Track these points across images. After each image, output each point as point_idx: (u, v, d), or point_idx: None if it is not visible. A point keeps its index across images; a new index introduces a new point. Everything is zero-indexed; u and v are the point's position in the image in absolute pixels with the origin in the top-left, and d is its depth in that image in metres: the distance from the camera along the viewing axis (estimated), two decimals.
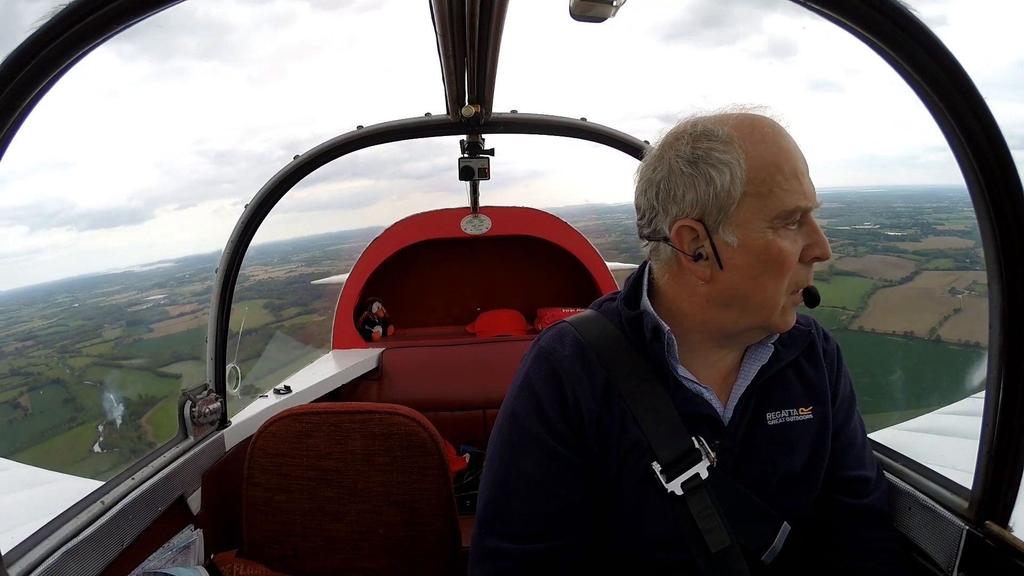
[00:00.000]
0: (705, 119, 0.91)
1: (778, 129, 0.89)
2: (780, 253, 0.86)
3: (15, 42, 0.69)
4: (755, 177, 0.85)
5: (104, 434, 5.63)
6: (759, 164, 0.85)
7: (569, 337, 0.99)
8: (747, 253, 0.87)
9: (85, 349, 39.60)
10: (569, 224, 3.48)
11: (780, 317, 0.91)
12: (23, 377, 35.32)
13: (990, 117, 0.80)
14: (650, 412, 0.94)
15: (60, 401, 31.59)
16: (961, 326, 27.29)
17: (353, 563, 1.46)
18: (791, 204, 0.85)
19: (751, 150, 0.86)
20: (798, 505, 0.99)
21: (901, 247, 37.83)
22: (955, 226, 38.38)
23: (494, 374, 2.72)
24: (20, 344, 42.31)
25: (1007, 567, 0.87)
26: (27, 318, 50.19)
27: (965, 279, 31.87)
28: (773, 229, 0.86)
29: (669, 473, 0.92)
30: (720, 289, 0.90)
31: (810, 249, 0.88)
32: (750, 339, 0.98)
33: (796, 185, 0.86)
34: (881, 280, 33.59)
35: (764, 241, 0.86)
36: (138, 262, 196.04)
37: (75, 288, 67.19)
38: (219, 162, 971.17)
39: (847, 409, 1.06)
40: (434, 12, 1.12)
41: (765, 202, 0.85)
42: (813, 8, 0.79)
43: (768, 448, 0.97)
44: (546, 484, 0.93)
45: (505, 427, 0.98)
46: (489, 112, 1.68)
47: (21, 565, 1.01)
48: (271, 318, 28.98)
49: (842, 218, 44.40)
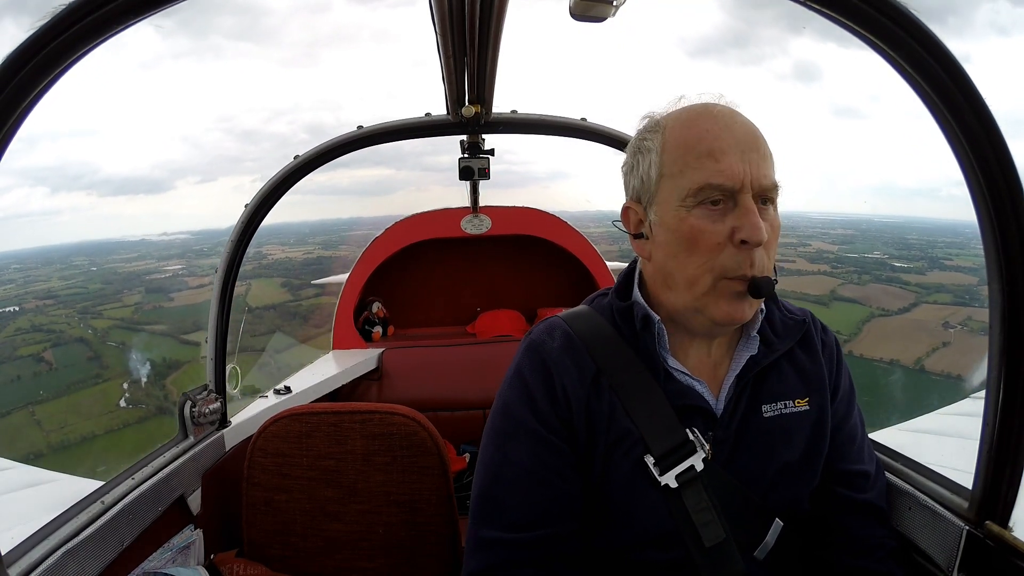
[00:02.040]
0: (664, 113, 0.98)
1: (713, 113, 0.92)
2: (690, 230, 0.89)
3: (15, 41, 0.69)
4: (668, 159, 0.92)
5: (130, 391, 5.76)
6: (672, 146, 0.92)
7: (559, 330, 1.01)
8: (664, 230, 0.93)
9: (106, 312, 40.47)
10: (569, 224, 3.48)
11: (713, 303, 0.90)
12: (45, 333, 36.23)
13: (990, 117, 0.80)
14: (642, 405, 0.94)
15: (84, 359, 32.79)
16: (947, 359, 28.39)
17: (353, 563, 1.46)
18: (698, 181, 0.88)
19: (669, 135, 0.92)
20: (795, 498, 0.99)
21: (905, 279, 38.68)
22: (963, 263, 39.26)
23: (494, 374, 2.71)
24: (40, 302, 43.02)
25: (1007, 567, 0.87)
26: (45, 277, 50.89)
27: (961, 314, 32.96)
28: (687, 208, 0.89)
29: (663, 466, 0.92)
30: (656, 268, 0.96)
31: (736, 231, 0.87)
32: (703, 328, 0.96)
33: (709, 163, 0.87)
34: (879, 309, 34.61)
35: (677, 218, 0.90)
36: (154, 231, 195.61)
37: (91, 252, 67.99)
38: (243, 140, 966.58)
39: (848, 403, 1.06)
40: (434, 12, 1.12)
41: (676, 181, 0.90)
42: (813, 8, 0.79)
43: (764, 440, 0.96)
44: (537, 473, 0.93)
45: (497, 418, 0.99)
46: (489, 112, 1.68)
47: (21, 565, 1.01)
48: (289, 296, 29.68)
49: (852, 246, 45.19)
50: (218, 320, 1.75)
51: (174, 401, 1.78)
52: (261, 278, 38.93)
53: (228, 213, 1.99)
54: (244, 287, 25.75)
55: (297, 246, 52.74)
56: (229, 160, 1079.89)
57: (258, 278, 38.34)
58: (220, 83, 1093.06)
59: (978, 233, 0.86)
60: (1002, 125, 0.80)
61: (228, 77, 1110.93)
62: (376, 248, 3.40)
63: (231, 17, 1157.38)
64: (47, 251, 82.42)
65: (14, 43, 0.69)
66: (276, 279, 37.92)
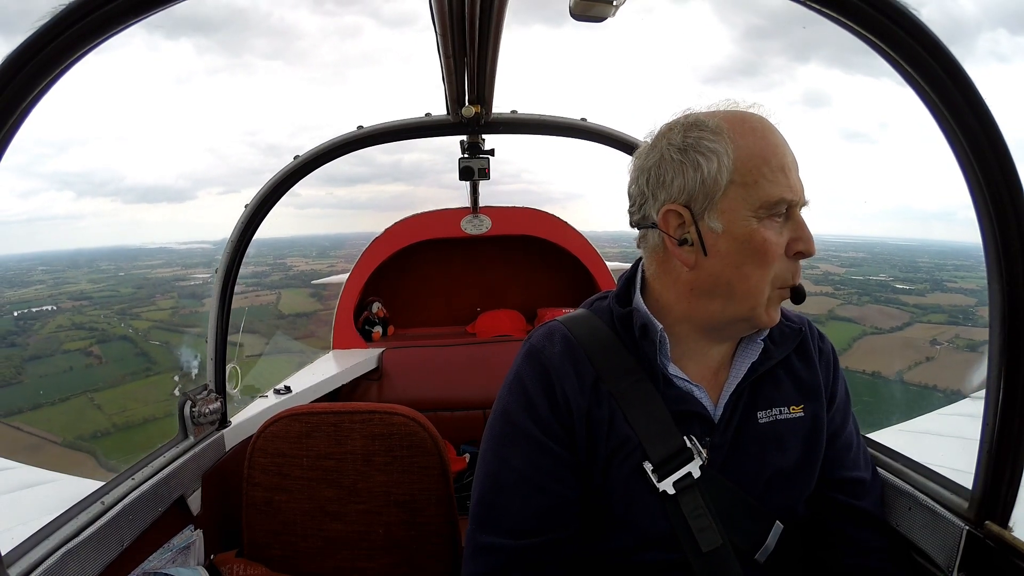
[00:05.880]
0: (697, 112, 0.94)
1: (767, 124, 0.91)
2: (764, 242, 0.87)
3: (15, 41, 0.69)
4: (742, 167, 0.88)
5: (181, 382, 5.97)
6: (746, 155, 0.88)
7: (559, 335, 1.01)
8: (731, 240, 0.89)
9: (144, 314, 41.94)
10: (569, 224, 3.48)
11: (765, 311, 0.91)
12: (88, 331, 37.78)
13: (990, 117, 0.80)
14: (641, 411, 0.94)
15: (132, 354, 34.67)
16: (928, 372, 29.63)
17: (353, 563, 1.46)
18: (776, 195, 0.87)
19: (739, 140, 0.88)
20: (790, 503, 0.99)
21: (904, 299, 39.44)
22: (966, 284, 39.93)
23: (494, 374, 2.71)
24: (75, 303, 44.35)
25: (1007, 567, 0.87)
26: (75, 280, 52.14)
27: (950, 333, 33.95)
28: (758, 219, 0.87)
29: (661, 472, 0.92)
30: (704, 276, 0.92)
31: (794, 243, 0.89)
32: (735, 333, 0.98)
33: (782, 178, 0.87)
34: (872, 327, 35.65)
35: (748, 229, 0.87)
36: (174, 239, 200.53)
37: (115, 257, 69.93)
38: (267, 153, 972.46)
39: (844, 411, 1.07)
40: (434, 12, 1.12)
41: (750, 191, 0.87)
42: (813, 8, 0.79)
43: (758, 446, 0.97)
44: (536, 480, 0.93)
45: (497, 424, 0.99)
46: (489, 112, 1.68)
47: (21, 565, 1.00)
48: (319, 306, 30.86)
49: (859, 268, 45.86)
50: (218, 320, 1.75)
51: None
52: (290, 288, 40.24)
53: None
54: (275, 296, 25.85)
55: (320, 259, 53.57)
56: (252, 172, 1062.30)
57: (287, 288, 39.94)
58: (249, 98, 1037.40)
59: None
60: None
61: (257, 93, 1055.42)
62: (376, 248, 3.40)
63: (265, 39, 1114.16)
64: (70, 255, 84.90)
65: (14, 43, 0.69)
66: (304, 290, 38.97)
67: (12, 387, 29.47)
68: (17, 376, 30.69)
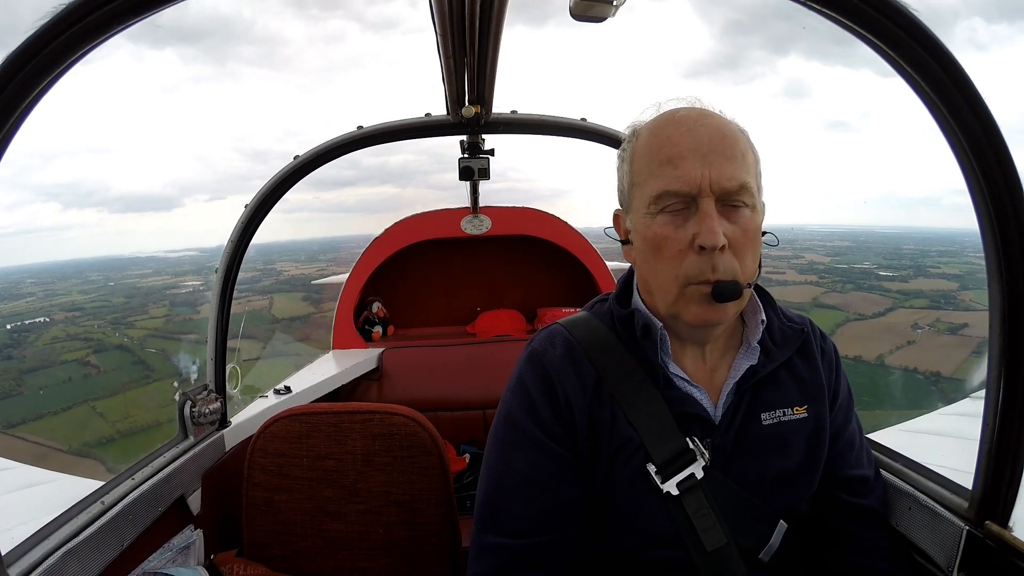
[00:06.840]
0: (642, 122, 0.99)
1: (676, 119, 0.92)
2: (655, 237, 0.90)
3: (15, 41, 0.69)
4: (636, 167, 0.94)
5: (181, 387, 5.94)
6: (639, 155, 0.94)
7: (560, 338, 1.02)
8: (637, 237, 0.95)
9: (137, 323, 42.10)
10: (569, 224, 3.47)
11: (684, 307, 0.90)
12: (83, 342, 37.85)
13: (990, 117, 0.80)
14: (643, 412, 0.94)
15: (129, 363, 34.90)
16: (909, 355, 30.18)
17: (353, 563, 1.46)
18: (657, 189, 0.89)
19: (639, 142, 0.95)
20: (793, 504, 0.99)
21: (887, 286, 40.01)
22: (949, 270, 40.72)
23: (494, 374, 2.72)
24: (67, 314, 44.47)
25: (1007, 567, 0.87)
26: (64, 291, 52.21)
27: (931, 317, 34.54)
28: (651, 215, 0.91)
29: (664, 473, 0.92)
30: (639, 274, 1.00)
31: (696, 236, 0.87)
32: (686, 332, 0.97)
33: (668, 171, 0.88)
34: (855, 314, 36.08)
35: (644, 225, 0.92)
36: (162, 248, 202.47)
37: (104, 267, 70.25)
38: (255, 159, 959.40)
39: (846, 410, 1.07)
40: (434, 12, 1.12)
41: (642, 189, 0.93)
42: (813, 8, 0.79)
43: (762, 448, 0.97)
44: (540, 481, 0.94)
45: (500, 427, 1.00)
46: (489, 112, 1.68)
47: (21, 565, 1.01)
48: (312, 309, 31.13)
49: (844, 257, 46.50)
50: (218, 320, 1.75)
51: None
52: (282, 293, 40.36)
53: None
54: (267, 300, 25.73)
55: (309, 263, 53.99)
56: (240, 178, 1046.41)
57: (279, 293, 40.14)
58: (236, 105, 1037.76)
59: (971, 240, 0.86)
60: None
61: (244, 100, 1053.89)
62: (376, 248, 3.40)
63: (251, 46, 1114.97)
64: (58, 266, 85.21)
65: (14, 43, 0.69)
66: (296, 293, 39.20)
67: (13, 399, 29.58)
68: (17, 388, 30.83)
